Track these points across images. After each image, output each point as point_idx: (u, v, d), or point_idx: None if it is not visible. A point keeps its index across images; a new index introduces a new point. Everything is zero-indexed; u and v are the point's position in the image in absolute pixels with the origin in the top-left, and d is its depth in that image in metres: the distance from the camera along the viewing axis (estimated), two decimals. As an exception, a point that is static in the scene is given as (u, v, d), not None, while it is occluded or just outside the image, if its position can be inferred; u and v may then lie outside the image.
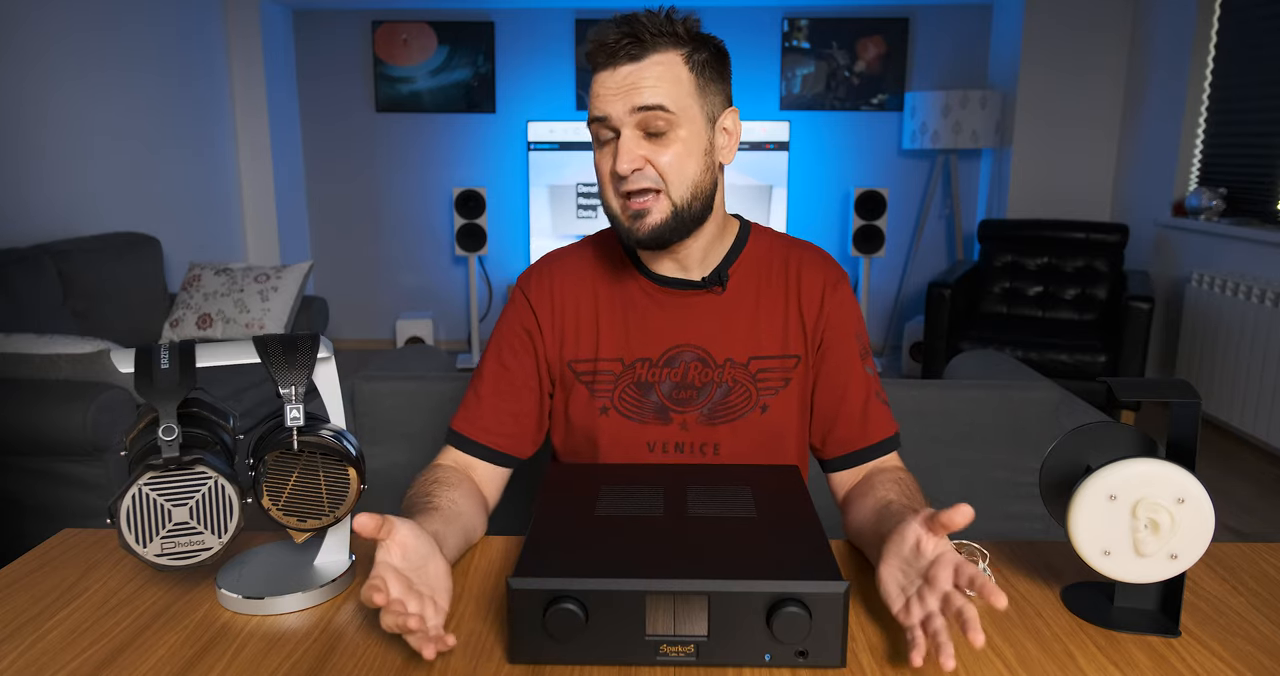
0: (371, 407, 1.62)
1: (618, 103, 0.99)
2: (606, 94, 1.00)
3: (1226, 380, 3.52)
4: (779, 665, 0.77)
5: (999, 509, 1.66)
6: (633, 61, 0.99)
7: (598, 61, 1.01)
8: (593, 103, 1.02)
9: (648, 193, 1.01)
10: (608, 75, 1.00)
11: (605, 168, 1.04)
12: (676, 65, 1.00)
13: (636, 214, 1.02)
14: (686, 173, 1.02)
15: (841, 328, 1.12)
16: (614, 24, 1.00)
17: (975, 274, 4.23)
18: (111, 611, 0.88)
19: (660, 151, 1.01)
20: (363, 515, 0.74)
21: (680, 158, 1.01)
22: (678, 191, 1.02)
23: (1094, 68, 4.46)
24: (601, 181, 1.05)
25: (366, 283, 5.23)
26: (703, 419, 1.10)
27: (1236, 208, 3.74)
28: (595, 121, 1.02)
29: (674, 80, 1.00)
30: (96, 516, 2.16)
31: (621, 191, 1.02)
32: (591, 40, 1.01)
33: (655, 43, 0.99)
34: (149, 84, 3.89)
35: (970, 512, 0.76)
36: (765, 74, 4.89)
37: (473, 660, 0.79)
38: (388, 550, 0.77)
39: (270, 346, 0.87)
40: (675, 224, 1.03)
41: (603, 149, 1.04)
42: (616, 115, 1.00)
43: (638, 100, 0.98)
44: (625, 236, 1.05)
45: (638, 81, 0.99)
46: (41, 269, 2.92)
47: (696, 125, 1.02)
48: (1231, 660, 0.79)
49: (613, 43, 0.99)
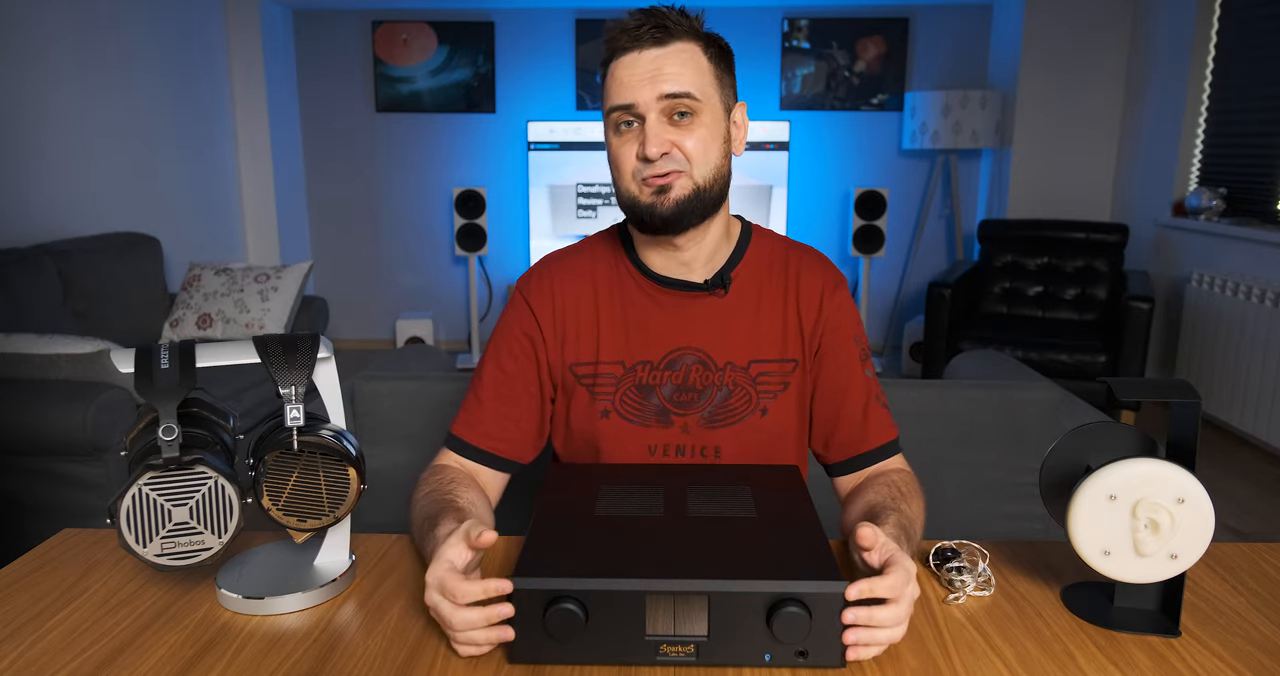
0: (371, 407, 1.62)
1: (644, 89, 1.00)
2: (632, 80, 1.00)
3: (1226, 380, 3.52)
4: (779, 665, 0.77)
5: (999, 509, 1.65)
6: (658, 46, 1.00)
7: (620, 45, 1.01)
8: (615, 90, 1.02)
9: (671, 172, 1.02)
10: (632, 59, 1.01)
11: (627, 153, 1.03)
12: (698, 54, 1.02)
13: (660, 189, 1.02)
14: (710, 156, 1.03)
15: (840, 332, 1.12)
16: (635, 13, 1.02)
17: (975, 274, 4.23)
18: (111, 611, 0.88)
19: (685, 135, 1.02)
20: (489, 533, 0.79)
21: (705, 141, 1.02)
22: (701, 172, 1.03)
23: (1094, 68, 4.46)
24: (620, 168, 1.05)
25: (366, 283, 5.23)
26: (703, 422, 1.10)
27: (1236, 208, 3.73)
28: (618, 109, 1.02)
29: (697, 68, 1.02)
30: (96, 516, 2.16)
31: (645, 175, 1.02)
32: (613, 27, 1.02)
33: (678, 32, 1.01)
34: (149, 84, 3.89)
35: (868, 536, 0.81)
36: (765, 74, 4.89)
37: (473, 660, 0.79)
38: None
39: (270, 346, 0.87)
40: (697, 201, 1.03)
41: (622, 135, 1.04)
42: (643, 101, 1.00)
43: (665, 88, 1.00)
44: (644, 215, 1.04)
45: (663, 66, 1.00)
46: (41, 269, 2.92)
47: (717, 112, 1.04)
48: (1231, 660, 0.79)
49: (636, 28, 1.00)
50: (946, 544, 0.99)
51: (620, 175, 1.05)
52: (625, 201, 1.06)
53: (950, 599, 0.90)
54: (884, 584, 0.77)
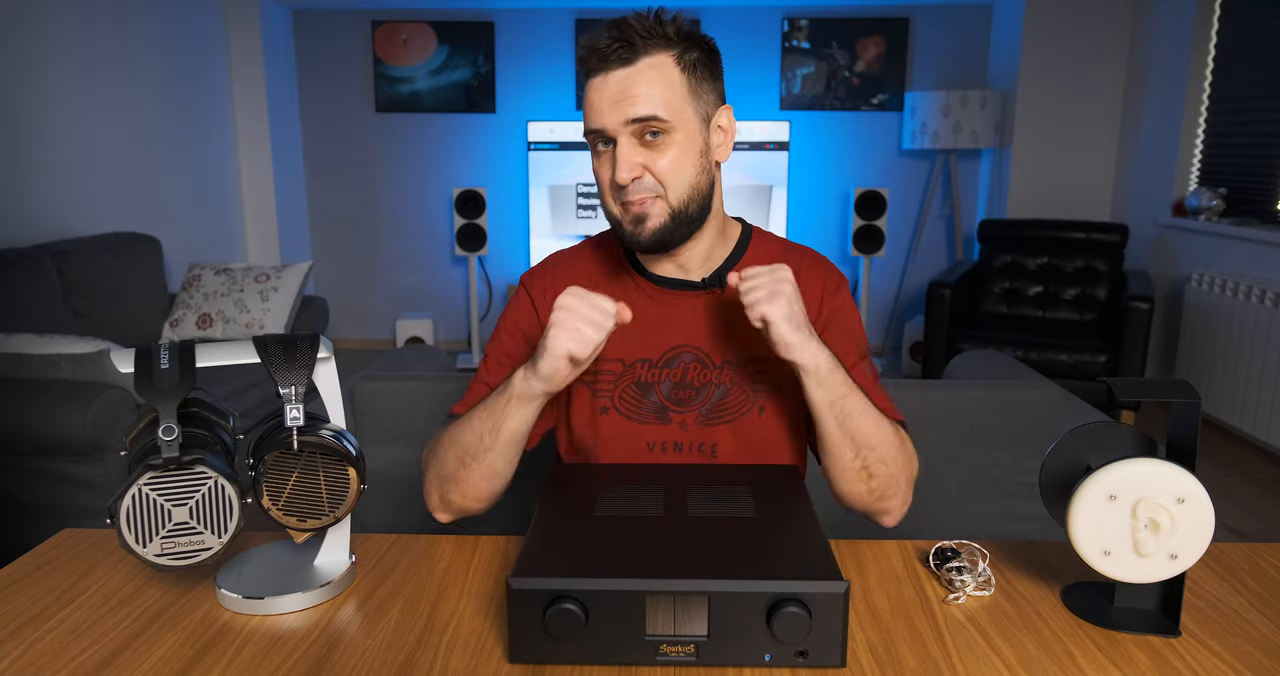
0: (371, 408, 1.62)
1: (612, 114, 1.00)
2: (601, 104, 1.00)
3: (1226, 380, 3.52)
4: (779, 665, 0.77)
5: (999, 509, 1.65)
6: (624, 66, 0.99)
7: (590, 66, 1.01)
8: (587, 113, 1.03)
9: (645, 197, 1.02)
10: (600, 82, 1.00)
11: (604, 176, 1.05)
12: (668, 67, 1.00)
13: (637, 218, 1.03)
14: (684, 176, 1.03)
15: (840, 332, 1.12)
16: (605, 29, 1.00)
17: (975, 274, 4.23)
18: (111, 611, 0.88)
19: (657, 157, 1.01)
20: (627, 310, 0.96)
21: (677, 161, 1.02)
22: (675, 194, 1.03)
23: (1094, 68, 4.46)
24: (601, 188, 1.06)
25: (366, 283, 5.23)
26: (701, 419, 1.10)
27: (1236, 208, 3.73)
28: (591, 133, 1.03)
29: (666, 84, 1.00)
30: (96, 516, 2.16)
31: (621, 199, 1.03)
32: (583, 46, 1.01)
33: (646, 46, 0.99)
34: (149, 84, 3.89)
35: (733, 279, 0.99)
36: (765, 74, 4.89)
37: (473, 660, 0.79)
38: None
39: (270, 346, 0.87)
40: (674, 226, 1.04)
41: (600, 157, 1.05)
42: (612, 127, 1.00)
43: (631, 112, 0.99)
44: (628, 241, 1.06)
45: (630, 88, 0.99)
46: (41, 269, 2.92)
47: (691, 127, 1.03)
48: (1231, 660, 0.80)
49: (604, 47, 0.99)
50: (946, 544, 0.99)
51: (602, 195, 1.07)
52: (609, 220, 1.08)
53: (950, 599, 0.90)
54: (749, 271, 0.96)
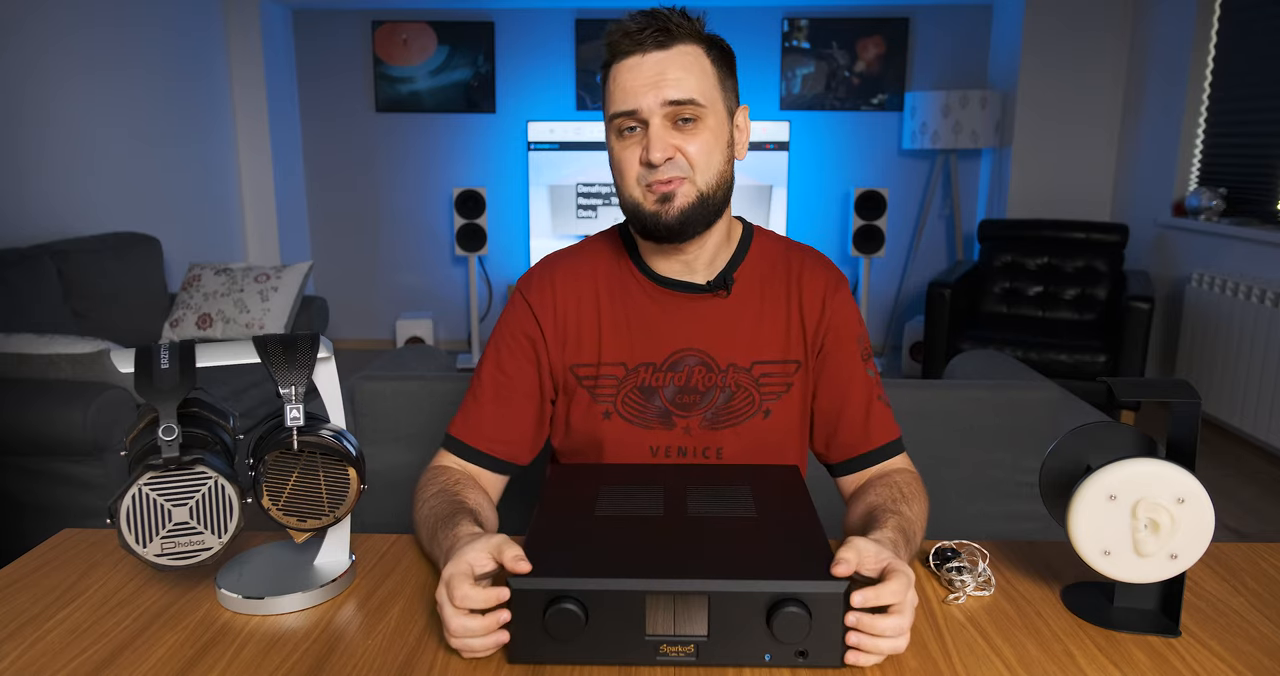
0: (371, 407, 1.62)
1: (647, 95, 0.99)
2: (635, 85, 0.99)
3: (1226, 380, 3.52)
4: (779, 665, 0.77)
5: (999, 509, 1.65)
6: (660, 49, 0.99)
7: (622, 49, 1.00)
8: (618, 96, 1.01)
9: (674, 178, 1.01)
10: (635, 62, 1.00)
11: (630, 158, 1.02)
12: (701, 57, 1.01)
13: (664, 197, 1.01)
14: (713, 161, 1.03)
15: (843, 332, 1.12)
16: (636, 15, 1.00)
17: (975, 274, 4.23)
18: (111, 611, 0.88)
19: (689, 140, 1.01)
20: (526, 563, 0.77)
21: (708, 145, 1.02)
22: (704, 178, 1.02)
23: (1094, 68, 4.45)
24: (623, 173, 1.04)
25: (366, 283, 5.23)
26: (706, 423, 1.10)
27: (1236, 208, 3.73)
28: (621, 115, 1.01)
29: (701, 72, 1.01)
30: (96, 516, 2.16)
31: (648, 181, 1.02)
32: (614, 29, 1.00)
33: (681, 34, 1.00)
34: (149, 84, 3.89)
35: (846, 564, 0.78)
36: (765, 74, 4.89)
37: (473, 660, 0.79)
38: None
39: (270, 346, 0.87)
40: (700, 208, 1.02)
41: (625, 140, 1.03)
42: (647, 107, 0.99)
43: (669, 94, 0.99)
44: (649, 224, 1.03)
45: (666, 71, 0.99)
46: (41, 269, 2.92)
47: (721, 116, 1.03)
48: (1231, 660, 0.79)
49: (638, 31, 0.99)
50: (946, 544, 0.99)
51: (623, 180, 1.04)
52: (628, 207, 1.05)
53: (950, 599, 0.90)
54: (888, 590, 0.76)
